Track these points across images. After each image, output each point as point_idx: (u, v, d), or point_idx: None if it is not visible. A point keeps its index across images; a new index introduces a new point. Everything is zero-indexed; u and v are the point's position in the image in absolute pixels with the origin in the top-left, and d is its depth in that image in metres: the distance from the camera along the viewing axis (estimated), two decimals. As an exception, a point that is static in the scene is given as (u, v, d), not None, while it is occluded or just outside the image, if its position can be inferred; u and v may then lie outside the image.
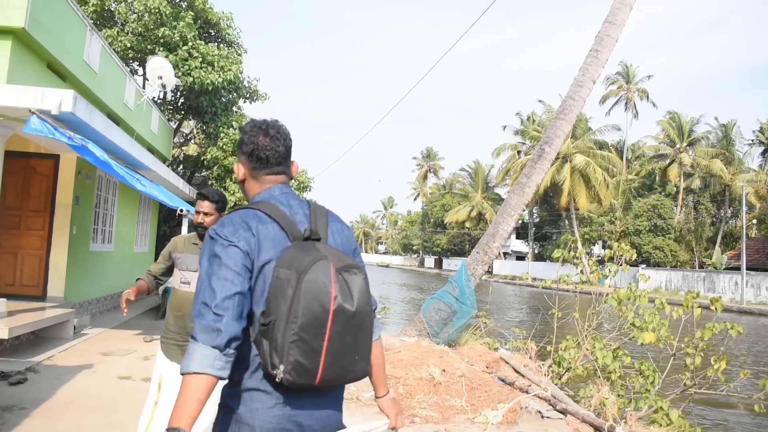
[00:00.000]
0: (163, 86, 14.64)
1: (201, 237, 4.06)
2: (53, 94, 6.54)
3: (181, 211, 6.79)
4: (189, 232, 4.28)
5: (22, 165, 10.22)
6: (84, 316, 10.56)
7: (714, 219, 49.78)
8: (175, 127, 20.46)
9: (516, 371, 7.94)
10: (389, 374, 7.22)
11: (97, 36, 11.00)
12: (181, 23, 17.26)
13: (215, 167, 19.28)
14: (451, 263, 74.29)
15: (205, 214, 3.93)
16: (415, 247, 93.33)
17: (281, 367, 1.71)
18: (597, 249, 52.68)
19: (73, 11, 9.86)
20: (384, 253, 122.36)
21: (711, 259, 43.23)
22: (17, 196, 10.29)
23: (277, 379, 1.72)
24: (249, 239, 1.82)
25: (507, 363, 8.29)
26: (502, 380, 7.26)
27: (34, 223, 10.46)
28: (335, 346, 1.75)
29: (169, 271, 4.16)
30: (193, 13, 17.95)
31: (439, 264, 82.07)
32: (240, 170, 2.10)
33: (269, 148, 2.04)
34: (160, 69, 14.44)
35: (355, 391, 6.87)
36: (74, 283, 10.86)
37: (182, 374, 1.69)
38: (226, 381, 1.83)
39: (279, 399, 1.81)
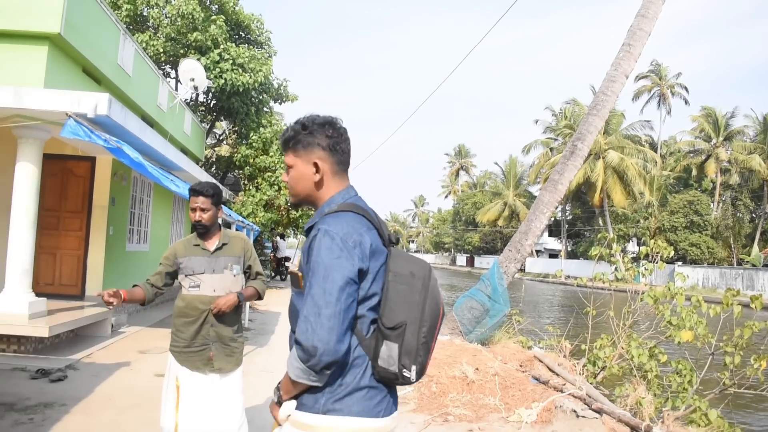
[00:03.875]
0: (195, 88, 14.84)
1: (201, 236, 3.87)
2: (89, 97, 6.67)
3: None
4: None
5: (60, 167, 10.44)
6: (121, 315, 10.75)
7: (753, 215, 48.63)
8: (207, 128, 20.72)
9: (550, 370, 7.87)
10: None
11: (130, 40, 11.19)
12: (213, 27, 17.48)
13: (246, 167, 19.47)
14: (483, 261, 73.87)
15: (202, 210, 3.75)
16: (446, 246, 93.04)
17: (413, 368, 1.88)
18: (632, 246, 51.86)
19: (107, 16, 10.05)
20: (416, 251, 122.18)
21: (749, 256, 42.20)
22: (55, 198, 10.51)
23: (412, 380, 1.90)
24: (364, 247, 1.88)
25: (541, 361, 8.21)
26: (536, 379, 7.20)
27: (71, 224, 10.68)
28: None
29: (171, 280, 3.92)
30: (224, 16, 18.14)
31: (471, 262, 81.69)
32: (316, 167, 2.00)
33: (349, 143, 2.06)
34: (192, 71, 14.64)
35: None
36: (111, 282, 11.06)
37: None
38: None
39: (384, 392, 1.96)
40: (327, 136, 1.99)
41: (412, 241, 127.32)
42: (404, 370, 1.87)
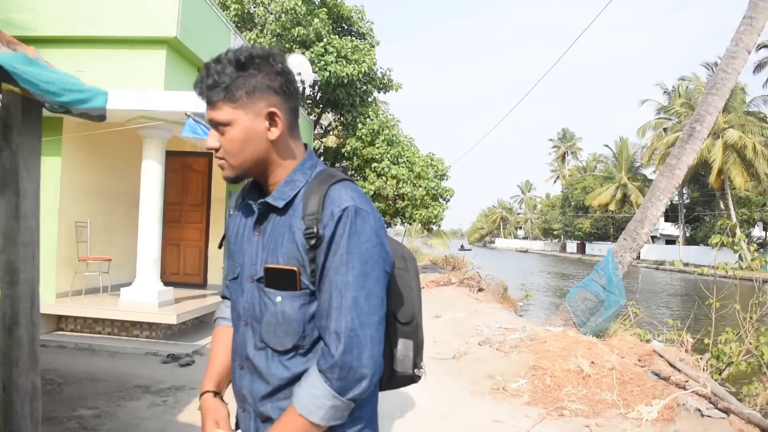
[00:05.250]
0: (302, 82, 15.19)
1: None
2: (205, 95, 6.99)
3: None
4: None
5: (180, 163, 11.05)
6: (239, 303, 11.25)
7: None
8: (314, 120, 21.23)
9: (671, 365, 7.46)
10: (536, 364, 7.07)
11: (240, 38, 11.64)
12: (316, 20, 17.86)
13: (354, 158, 19.80)
14: (594, 248, 71.38)
15: None
16: (555, 232, 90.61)
17: (422, 365, 1.60)
18: (757, 231, 48.31)
19: (218, 17, 10.49)
20: (524, 238, 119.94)
21: None
22: (177, 192, 11.14)
23: (421, 379, 1.61)
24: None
25: (661, 356, 7.81)
26: (656, 374, 6.86)
27: (193, 217, 11.29)
28: None
29: None
30: (326, 9, 18.48)
31: (581, 249, 79.11)
32: (271, 119, 1.43)
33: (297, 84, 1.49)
34: (299, 66, 14.98)
35: (501, 381, 6.79)
36: (230, 272, 11.59)
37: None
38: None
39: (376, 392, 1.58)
40: (277, 73, 1.42)
41: (520, 228, 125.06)
42: (417, 368, 1.58)
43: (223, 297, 1.77)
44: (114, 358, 7.26)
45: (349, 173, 20.76)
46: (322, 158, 22.76)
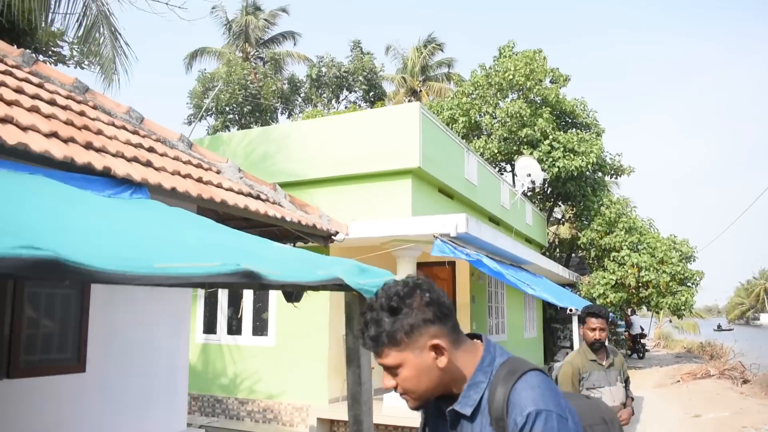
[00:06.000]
0: (533, 182, 15.82)
1: (595, 351, 4.38)
2: (450, 220, 7.85)
3: (570, 310, 7.33)
4: (581, 340, 4.74)
5: (426, 273, 12.04)
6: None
7: None
8: (546, 214, 21.52)
9: None
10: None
11: (472, 154, 12.64)
12: (540, 120, 18.51)
13: (591, 248, 19.58)
14: None
15: (601, 329, 4.29)
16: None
17: None
18: None
19: (453, 141, 11.60)
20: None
21: None
22: (425, 300, 12.11)
23: None
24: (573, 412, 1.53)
25: None
26: None
27: (440, 322, 12.12)
28: None
29: None
30: (549, 108, 19.08)
31: None
32: (436, 349, 1.49)
33: (446, 296, 1.59)
34: (528, 167, 15.69)
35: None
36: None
37: None
38: None
39: None
40: (427, 304, 1.48)
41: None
42: None
43: None
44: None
45: (587, 262, 20.52)
46: (557, 249, 22.79)
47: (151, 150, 4.37)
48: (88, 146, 3.55)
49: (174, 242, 1.82)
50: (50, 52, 11.17)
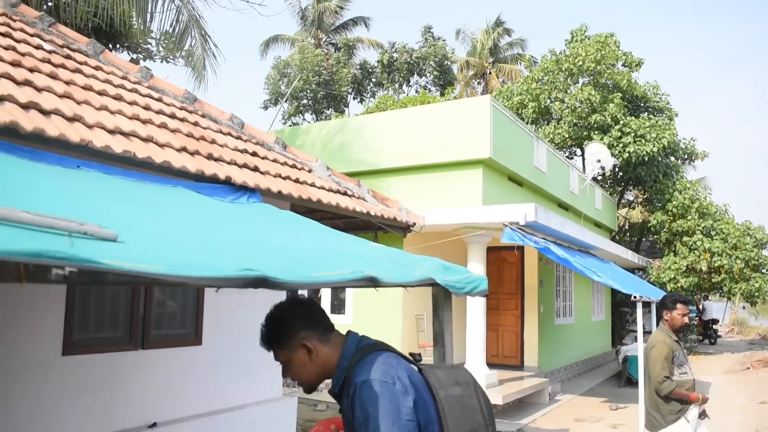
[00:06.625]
0: (603, 168, 15.89)
1: (676, 333, 4.98)
2: (519, 209, 8.29)
3: (635, 297, 7.63)
4: (657, 321, 5.38)
5: (496, 257, 12.48)
6: (555, 384, 12.05)
7: None
8: (616, 199, 21.43)
9: None
10: None
11: (542, 143, 12.93)
12: (611, 105, 18.45)
13: (662, 232, 19.47)
14: None
15: (687, 315, 4.93)
16: None
17: None
18: None
19: (522, 130, 11.93)
20: None
21: None
22: (494, 283, 12.54)
23: None
24: (404, 380, 1.88)
25: None
26: None
27: (508, 304, 12.57)
28: None
29: None
30: (620, 94, 18.97)
31: None
32: (306, 348, 1.97)
33: (319, 307, 2.10)
34: (598, 153, 15.77)
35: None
36: (545, 354, 12.51)
37: None
38: None
39: None
40: (298, 317, 1.98)
41: None
42: None
43: None
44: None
45: (657, 247, 20.38)
46: (626, 234, 22.66)
47: (254, 155, 5.02)
48: (210, 157, 4.20)
49: (307, 251, 2.39)
50: (139, 49, 12.10)
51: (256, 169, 4.59)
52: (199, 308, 5.20)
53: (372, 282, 2.08)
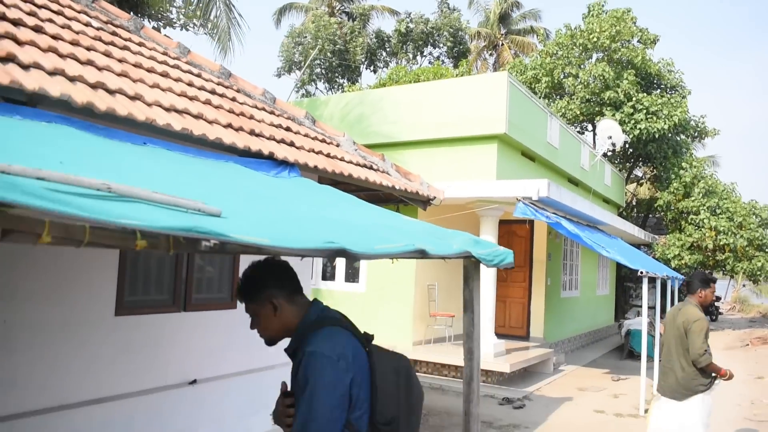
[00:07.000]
0: (613, 144, 16.09)
1: (707, 312, 5.34)
2: (532, 184, 8.56)
3: (641, 272, 7.94)
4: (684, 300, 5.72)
5: (506, 230, 12.77)
6: (560, 355, 12.45)
7: None
8: (625, 175, 21.61)
9: None
10: None
11: (555, 119, 13.13)
12: (624, 82, 18.56)
13: (669, 211, 19.70)
14: None
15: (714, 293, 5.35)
16: None
17: None
18: None
19: (536, 106, 12.14)
20: None
21: None
22: (503, 256, 12.87)
23: None
24: (348, 358, 2.02)
25: None
26: None
27: (516, 277, 12.91)
28: None
29: None
30: (633, 71, 19.04)
31: None
32: (272, 305, 2.12)
33: (291, 270, 2.22)
34: (609, 130, 15.96)
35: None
36: (550, 325, 12.89)
37: None
38: None
39: None
40: (270, 275, 2.13)
41: None
42: None
43: None
44: (459, 398, 8.95)
45: (662, 224, 20.64)
46: (634, 210, 22.89)
47: (288, 130, 5.30)
48: (252, 133, 4.49)
49: (365, 225, 2.69)
50: (159, 16, 12.29)
51: (292, 144, 4.87)
52: (234, 275, 5.54)
53: (421, 254, 2.37)
